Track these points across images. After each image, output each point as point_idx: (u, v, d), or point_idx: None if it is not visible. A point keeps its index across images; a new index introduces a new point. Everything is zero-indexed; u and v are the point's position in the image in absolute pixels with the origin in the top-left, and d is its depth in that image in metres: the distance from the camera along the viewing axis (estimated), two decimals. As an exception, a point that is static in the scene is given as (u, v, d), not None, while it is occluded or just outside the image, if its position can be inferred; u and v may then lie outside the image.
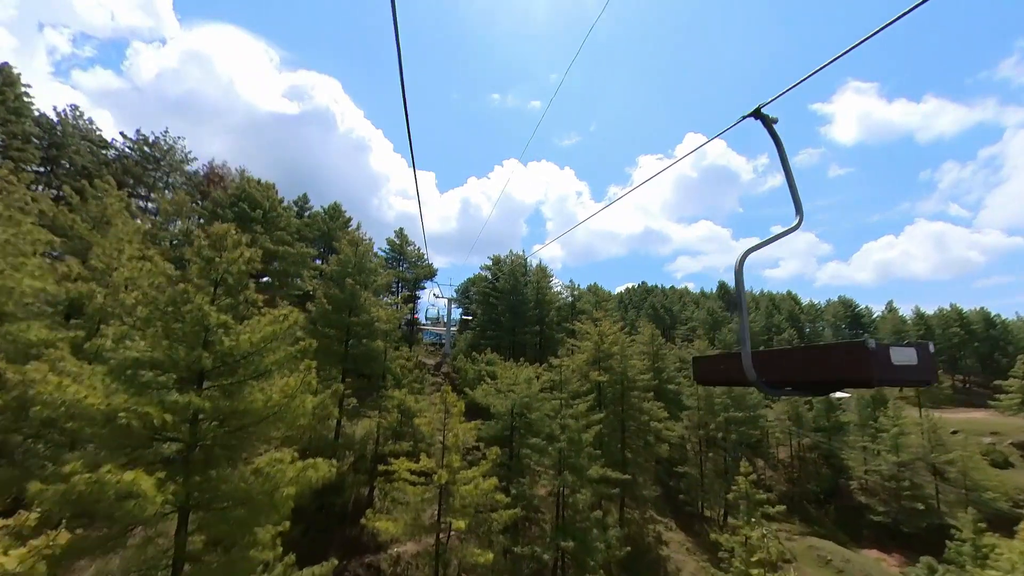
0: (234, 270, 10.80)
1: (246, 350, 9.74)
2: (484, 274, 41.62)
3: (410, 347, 39.36)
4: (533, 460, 22.40)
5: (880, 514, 39.01)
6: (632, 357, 29.71)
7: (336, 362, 20.58)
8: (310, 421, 11.05)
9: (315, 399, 11.36)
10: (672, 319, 71.27)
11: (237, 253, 10.76)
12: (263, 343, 9.85)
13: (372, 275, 22.16)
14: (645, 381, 29.24)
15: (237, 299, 10.93)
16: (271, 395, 9.33)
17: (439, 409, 17.96)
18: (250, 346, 9.73)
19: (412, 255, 38.63)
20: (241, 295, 10.92)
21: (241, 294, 10.94)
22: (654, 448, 27.37)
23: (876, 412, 43.92)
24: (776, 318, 70.78)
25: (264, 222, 23.94)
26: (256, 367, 9.84)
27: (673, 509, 33.78)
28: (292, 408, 9.55)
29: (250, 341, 9.72)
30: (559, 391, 23.21)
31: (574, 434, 20.70)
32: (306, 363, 9.65)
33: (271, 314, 10.68)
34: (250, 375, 9.86)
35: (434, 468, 17.83)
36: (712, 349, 54.43)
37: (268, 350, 9.96)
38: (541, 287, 40.37)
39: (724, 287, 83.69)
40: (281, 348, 10.28)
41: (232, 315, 10.54)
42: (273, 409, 9.41)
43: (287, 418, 9.80)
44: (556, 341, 39.80)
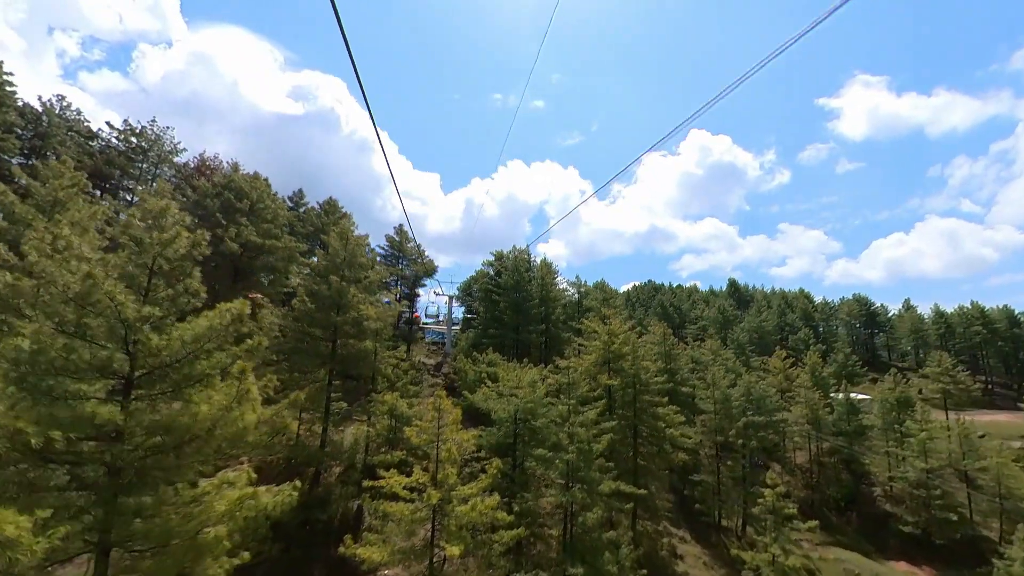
0: (170, 254, 8.74)
1: (177, 351, 7.67)
2: (486, 270, 39.52)
3: (409, 347, 37.33)
4: (539, 471, 20.24)
5: (909, 524, 36.24)
6: (645, 358, 27.41)
7: (322, 363, 18.57)
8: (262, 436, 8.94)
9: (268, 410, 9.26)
10: (681, 318, 68.65)
11: (173, 233, 8.69)
12: (198, 342, 7.77)
13: (363, 271, 20.12)
14: (659, 384, 26.92)
15: (176, 290, 8.86)
16: (199, 408, 7.24)
17: (432, 416, 15.85)
18: (181, 346, 7.65)
19: (412, 252, 36.62)
20: (180, 285, 8.85)
21: (181, 283, 8.87)
22: (669, 456, 25.04)
23: (901, 415, 41.16)
24: (789, 316, 67.88)
25: (250, 214, 22.02)
26: (189, 372, 7.76)
27: (687, 519, 31.39)
28: (229, 422, 7.46)
29: (181, 340, 7.64)
30: (567, 395, 20.99)
31: (584, 444, 18.48)
32: (239, 365, 7.54)
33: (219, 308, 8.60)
34: (184, 382, 7.78)
35: (428, 482, 15.75)
36: (724, 349, 51.86)
37: (204, 351, 7.88)
38: (546, 283, 38.16)
39: (734, 285, 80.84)
40: (225, 348, 8.19)
41: (169, 309, 8.47)
42: (204, 425, 7.32)
43: (225, 435, 7.72)
44: (562, 340, 37.58)
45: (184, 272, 9.08)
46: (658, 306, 67.58)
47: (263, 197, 22.48)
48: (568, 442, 18.61)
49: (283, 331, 18.03)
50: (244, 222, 20.53)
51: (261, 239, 21.28)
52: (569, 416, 19.80)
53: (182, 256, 8.96)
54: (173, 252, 8.73)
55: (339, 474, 20.00)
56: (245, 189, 21.88)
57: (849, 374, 47.89)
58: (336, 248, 19.09)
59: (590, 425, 19.74)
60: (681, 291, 79.60)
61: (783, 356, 47.40)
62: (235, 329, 8.25)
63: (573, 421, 19.02)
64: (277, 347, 17.77)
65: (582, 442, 18.69)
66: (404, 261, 36.21)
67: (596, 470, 18.61)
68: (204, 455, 7.81)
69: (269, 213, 22.31)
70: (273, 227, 22.33)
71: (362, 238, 20.28)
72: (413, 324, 38.49)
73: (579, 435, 18.67)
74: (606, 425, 20.28)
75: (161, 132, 30.53)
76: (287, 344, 17.44)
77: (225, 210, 21.15)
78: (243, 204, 21.60)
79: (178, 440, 7.29)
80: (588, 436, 18.75)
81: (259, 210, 22.13)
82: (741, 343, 54.21)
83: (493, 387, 22.99)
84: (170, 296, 8.60)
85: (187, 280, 8.96)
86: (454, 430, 16.22)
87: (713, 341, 49.27)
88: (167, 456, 7.46)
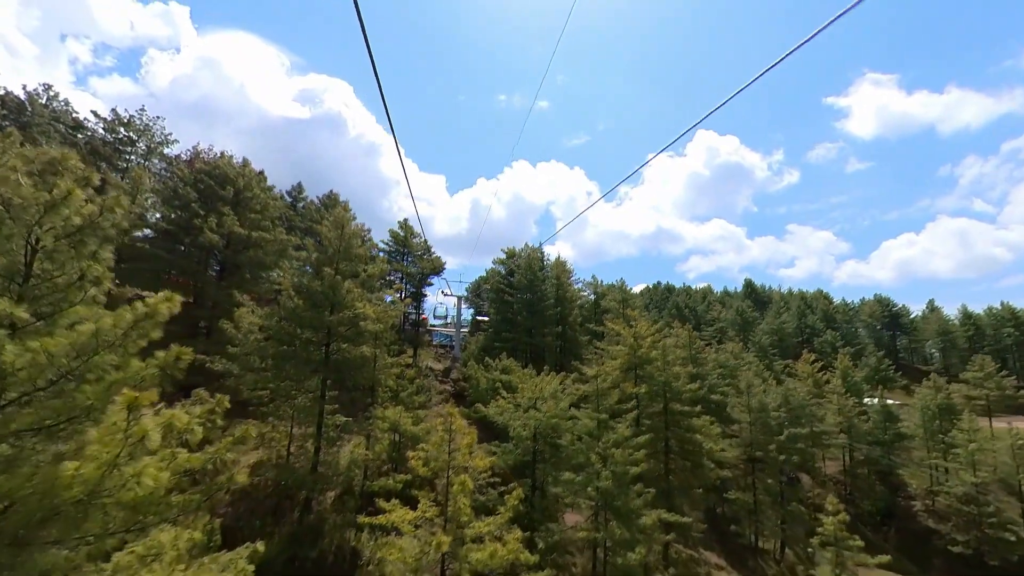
0: (60, 223, 5.87)
1: (42, 371, 4.78)
2: (497, 269, 36.55)
3: (416, 351, 34.42)
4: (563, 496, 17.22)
5: (959, 543, 32.58)
6: (675, 364, 24.33)
7: (313, 371, 15.71)
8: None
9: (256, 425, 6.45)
10: (697, 319, 65.23)
11: (64, 192, 5.81)
12: (76, 358, 4.87)
13: (361, 264, 17.28)
14: (692, 392, 23.78)
15: (71, 277, 5.99)
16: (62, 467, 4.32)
17: (442, 438, 12.88)
18: (48, 363, 4.75)
19: (417, 248, 33.76)
20: (74, 269, 5.97)
21: (75, 266, 6.00)
22: (707, 473, 21.87)
23: (944, 424, 37.56)
24: (810, 318, 64.19)
25: (235, 203, 19.29)
26: (62, 405, 4.85)
27: (720, 540, 28.12)
28: (116, 485, 4.54)
29: (47, 353, 4.74)
30: (595, 407, 17.94)
31: (619, 467, 15.40)
32: (125, 396, 4.60)
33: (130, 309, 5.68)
34: (52, 419, 4.87)
35: (437, 516, 12.79)
36: (746, 352, 48.49)
37: (89, 369, 4.97)
38: (561, 283, 35.14)
39: (750, 286, 77.22)
40: (125, 366, 5.28)
41: (46, 305, 5.59)
42: (74, 493, 4.40)
43: (119, 501, 4.80)
44: (580, 344, 34.51)
45: (86, 254, 6.19)
46: (673, 307, 64.22)
47: (251, 185, 19.77)
48: (601, 465, 15.54)
49: (268, 333, 15.20)
50: (228, 212, 17.77)
51: (247, 231, 18.49)
52: (600, 433, 16.74)
53: (80, 230, 6.08)
54: (63, 222, 5.85)
55: (334, 499, 17.07)
56: (230, 175, 19.18)
57: (883, 379, 44.29)
58: (329, 237, 16.26)
59: (624, 443, 16.65)
60: (696, 292, 76.12)
61: (811, 360, 43.92)
62: (143, 335, 5.33)
63: (607, 440, 15.94)
64: (261, 352, 14.92)
65: (617, 464, 15.62)
66: (409, 258, 33.36)
67: (635, 496, 15.52)
68: (87, 531, 4.88)
69: (257, 202, 19.58)
70: (262, 218, 19.59)
71: (359, 227, 17.43)
72: (420, 326, 35.63)
73: (614, 457, 15.59)
74: (639, 440, 17.18)
75: (151, 122, 28.05)
76: (272, 349, 14.59)
77: (206, 198, 18.46)
78: (227, 192, 18.86)
79: (28, 515, 4.36)
80: (625, 458, 15.66)
81: (246, 199, 19.41)
82: (763, 346, 50.75)
83: (509, 398, 20.00)
84: (55, 287, 5.71)
85: (89, 264, 6.07)
86: (466, 455, 13.25)
87: (735, 344, 45.91)
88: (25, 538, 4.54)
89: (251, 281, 18.78)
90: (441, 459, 12.72)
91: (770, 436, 27.21)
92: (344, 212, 17.16)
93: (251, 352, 14.70)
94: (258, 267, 18.90)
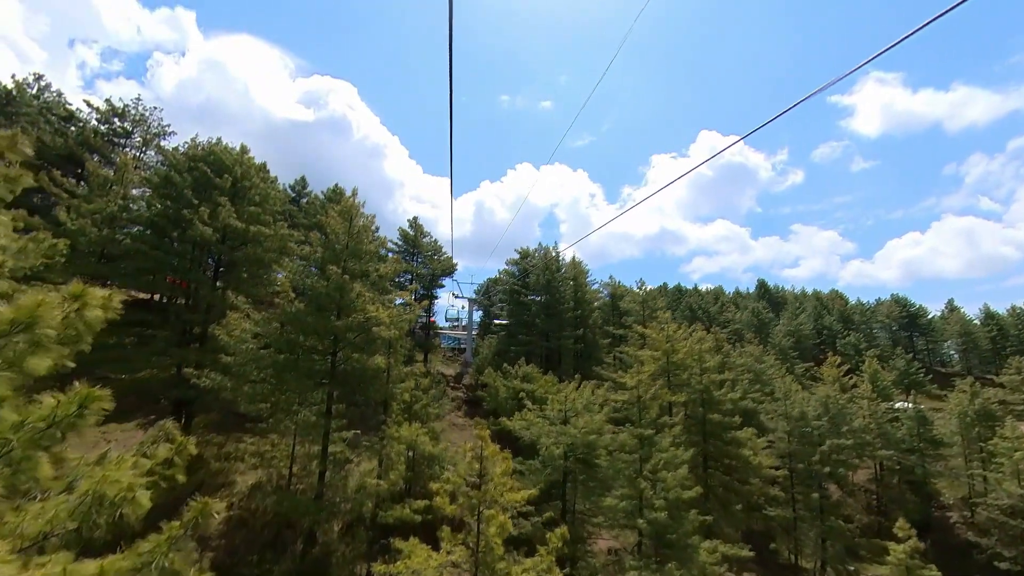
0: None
1: None
2: (511, 269, 34.29)
3: (427, 356, 32.20)
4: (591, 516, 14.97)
5: (1006, 559, 30.02)
6: (713, 370, 22.05)
7: (317, 384, 13.49)
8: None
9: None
10: (710, 321, 62.75)
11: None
12: None
13: (372, 262, 15.08)
14: (733, 400, 21.49)
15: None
16: None
17: (471, 466, 10.64)
18: None
19: (428, 248, 31.57)
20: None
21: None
22: (753, 489, 19.55)
23: (982, 430, 35.05)
24: (827, 319, 61.68)
25: (233, 194, 17.14)
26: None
27: (759, 560, 25.74)
28: None
29: None
30: (638, 421, 15.65)
31: (671, 492, 13.10)
32: None
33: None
34: None
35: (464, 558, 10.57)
36: (767, 354, 46.11)
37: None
38: (579, 283, 32.86)
39: (764, 286, 74.73)
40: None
41: None
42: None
43: None
44: (599, 348, 32.23)
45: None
46: (686, 309, 61.82)
47: (249, 174, 17.62)
48: (650, 490, 13.24)
49: (266, 341, 12.98)
50: (224, 202, 15.60)
51: (244, 224, 16.31)
52: (648, 452, 14.44)
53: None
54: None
55: (342, 530, 14.80)
56: (227, 162, 17.03)
57: (913, 382, 41.81)
58: (336, 231, 14.06)
59: (674, 464, 14.34)
60: (708, 294, 73.67)
61: (836, 362, 41.43)
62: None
63: (656, 461, 13.64)
64: (258, 362, 12.71)
65: (669, 489, 13.32)
66: (419, 258, 31.17)
67: (690, 527, 13.20)
68: None
69: (257, 193, 17.41)
70: (262, 212, 17.42)
71: (370, 220, 15.24)
72: (430, 330, 33.39)
73: (665, 482, 13.29)
74: (682, 457, 14.85)
75: (147, 112, 26.02)
76: (270, 358, 12.38)
77: (199, 187, 16.32)
78: (223, 181, 16.68)
79: None
80: (676, 481, 13.35)
81: (244, 189, 17.25)
82: (783, 348, 48.31)
83: (536, 410, 17.75)
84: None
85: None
86: (500, 487, 10.99)
87: (753, 347, 43.53)
88: None
89: (249, 281, 16.58)
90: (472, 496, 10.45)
91: (810, 447, 24.83)
92: (352, 202, 14.96)
93: (246, 362, 12.52)
94: (256, 265, 16.72)
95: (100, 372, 15.50)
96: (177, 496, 15.13)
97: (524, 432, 17.06)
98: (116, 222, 16.05)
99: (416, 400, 17.60)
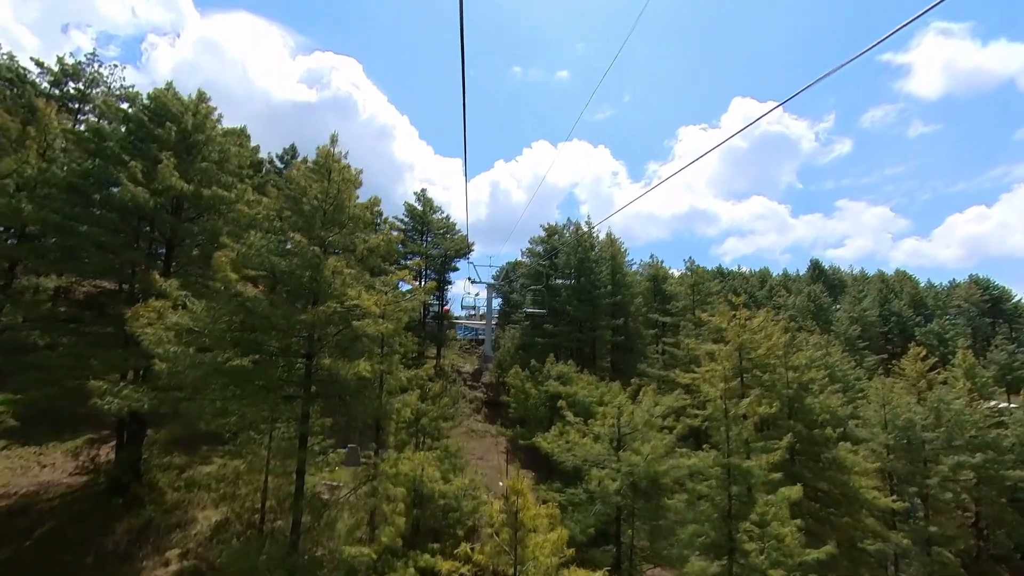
0: None
1: None
2: (536, 248, 30.36)
3: (439, 351, 28.81)
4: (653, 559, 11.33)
5: None
6: (808, 369, 18.04)
7: (287, 398, 10.06)
8: None
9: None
10: (757, 307, 57.65)
11: None
12: None
13: (356, 229, 11.49)
14: (828, 409, 17.39)
15: None
16: None
17: (507, 538, 7.06)
18: None
19: (439, 224, 27.89)
20: None
21: None
22: (862, 528, 15.57)
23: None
24: (895, 304, 55.77)
25: (182, 147, 13.73)
26: None
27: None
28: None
29: None
30: (725, 448, 11.76)
31: (793, 556, 9.25)
32: None
33: None
34: None
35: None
36: (834, 343, 41.18)
37: None
38: (617, 264, 28.77)
39: (817, 267, 68.74)
40: None
41: None
42: None
43: None
44: (642, 339, 28.26)
45: None
46: (728, 293, 56.87)
47: (205, 126, 14.18)
48: (757, 551, 9.41)
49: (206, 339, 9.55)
50: (166, 159, 12.16)
51: (195, 187, 12.87)
52: (744, 492, 10.58)
53: None
54: None
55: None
56: (173, 110, 13.61)
57: (1017, 379, 36.44)
58: (304, 186, 10.46)
59: (782, 506, 10.43)
60: (751, 276, 68.22)
61: (920, 354, 36.29)
62: None
63: (764, 511, 9.76)
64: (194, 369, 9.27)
65: (783, 547, 9.47)
66: (429, 236, 27.53)
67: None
68: None
69: (213, 150, 13.97)
70: (221, 172, 13.99)
71: (356, 174, 11.59)
72: (444, 320, 29.91)
73: (781, 537, 9.43)
74: (791, 493, 10.92)
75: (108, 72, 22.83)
76: (213, 364, 8.96)
77: (137, 142, 12.96)
78: (166, 132, 13.24)
79: None
80: (795, 540, 9.47)
81: (196, 144, 13.80)
82: (850, 338, 43.21)
83: (579, 424, 14.05)
84: None
85: None
86: (546, 545, 7.36)
87: (819, 336, 38.73)
88: None
89: (201, 261, 13.27)
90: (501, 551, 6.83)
91: (919, 464, 20.54)
92: (329, 150, 11.34)
93: (184, 369, 9.17)
94: (213, 241, 13.39)
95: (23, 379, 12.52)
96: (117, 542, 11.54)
97: (565, 456, 13.41)
98: (36, 188, 12.86)
99: (424, 413, 14.09)
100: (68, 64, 22.53)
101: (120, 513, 12.46)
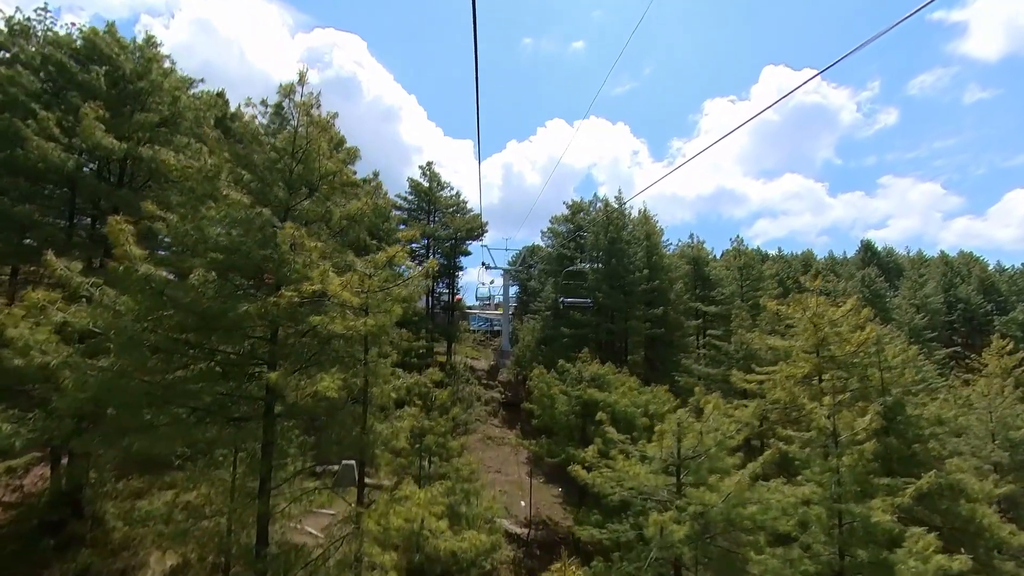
0: None
1: None
2: (559, 229, 27.36)
3: (449, 345, 26.27)
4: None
5: None
6: (906, 369, 14.99)
7: (230, 420, 7.57)
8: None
9: None
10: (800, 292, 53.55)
11: None
12: None
13: (333, 189, 8.86)
14: (937, 421, 14.29)
15: None
16: None
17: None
18: None
19: (448, 202, 25.12)
20: None
21: None
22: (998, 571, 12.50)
23: None
24: (961, 289, 51.06)
25: (116, 94, 11.23)
26: None
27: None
28: None
29: None
30: (829, 486, 8.84)
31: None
32: None
33: None
34: None
35: None
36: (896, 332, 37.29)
37: None
38: (652, 244, 25.64)
39: (870, 248, 63.87)
40: None
41: None
42: None
43: None
44: (683, 330, 25.23)
45: None
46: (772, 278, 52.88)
47: (150, 71, 11.62)
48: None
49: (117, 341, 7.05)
50: (89, 109, 9.63)
51: (133, 145, 10.32)
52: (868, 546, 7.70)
53: None
54: None
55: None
56: (104, 51, 11.06)
57: (1122, 374, 32.11)
58: (255, 131, 7.82)
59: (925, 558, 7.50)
60: (795, 260, 63.71)
61: (1005, 348, 32.25)
62: None
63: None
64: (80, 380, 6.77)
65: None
66: (437, 215, 24.78)
67: None
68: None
69: (158, 100, 11.42)
70: (168, 129, 11.45)
71: (328, 118, 8.85)
72: (454, 311, 27.28)
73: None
74: (954, 565, 8.02)
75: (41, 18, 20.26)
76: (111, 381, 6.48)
77: (56, 86, 10.50)
78: (93, 78, 10.72)
79: None
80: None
81: (136, 94, 11.28)
82: (915, 328, 39.18)
83: (628, 446, 11.29)
84: None
85: None
86: None
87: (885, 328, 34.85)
88: None
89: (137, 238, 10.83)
90: None
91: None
92: (295, 86, 8.64)
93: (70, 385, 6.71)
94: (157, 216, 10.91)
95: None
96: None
97: (609, 488, 10.67)
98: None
99: (427, 431, 11.52)
100: (16, 22, 20.04)
101: (50, 559, 10.26)
